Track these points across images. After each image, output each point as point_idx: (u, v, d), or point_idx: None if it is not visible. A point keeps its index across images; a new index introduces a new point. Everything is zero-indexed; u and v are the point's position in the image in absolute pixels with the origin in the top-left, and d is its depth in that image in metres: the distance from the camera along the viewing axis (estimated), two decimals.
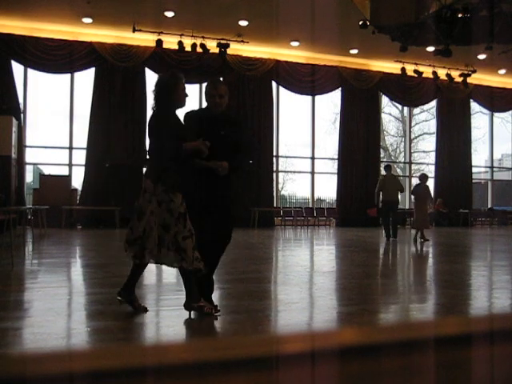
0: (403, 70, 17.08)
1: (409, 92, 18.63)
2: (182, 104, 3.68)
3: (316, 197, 18.82)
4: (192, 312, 3.54)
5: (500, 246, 11.09)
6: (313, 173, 18.25)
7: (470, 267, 7.08)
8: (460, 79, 17.63)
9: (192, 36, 14.59)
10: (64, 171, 15.49)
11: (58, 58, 14.64)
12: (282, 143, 17.60)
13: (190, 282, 3.54)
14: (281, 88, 17.32)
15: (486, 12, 10.46)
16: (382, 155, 19.91)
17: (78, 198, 14.96)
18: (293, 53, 16.55)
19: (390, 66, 17.46)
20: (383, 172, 12.98)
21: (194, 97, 16.08)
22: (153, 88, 3.67)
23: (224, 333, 3.24)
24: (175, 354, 0.62)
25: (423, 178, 11.14)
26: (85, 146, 15.12)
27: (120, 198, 14.60)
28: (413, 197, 11.47)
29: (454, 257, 8.53)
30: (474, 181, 20.36)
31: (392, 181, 11.49)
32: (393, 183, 11.41)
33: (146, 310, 3.65)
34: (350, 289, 4.98)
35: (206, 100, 3.79)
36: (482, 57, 16.02)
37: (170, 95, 3.59)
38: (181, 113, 3.80)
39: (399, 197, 11.86)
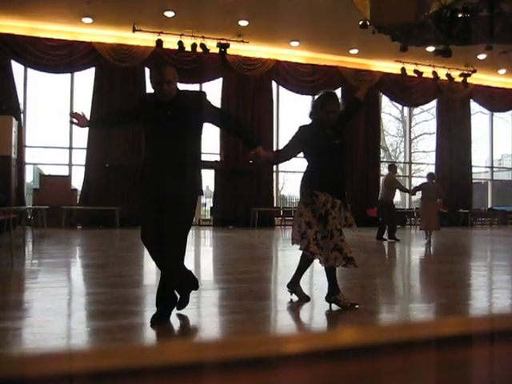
0: (403, 70, 17.08)
1: (409, 92, 18.63)
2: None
3: None
4: (332, 305, 3.90)
5: (500, 246, 11.08)
6: None
7: (470, 267, 7.08)
8: (460, 79, 17.63)
9: (192, 36, 14.60)
10: (64, 171, 15.50)
11: (57, 57, 14.64)
12: (282, 143, 17.61)
13: (332, 277, 3.95)
14: (281, 88, 17.32)
15: (486, 12, 10.45)
16: (382, 155, 19.91)
17: (77, 198, 14.96)
18: (293, 53, 16.55)
19: (390, 66, 17.46)
20: (385, 171, 12.82)
21: None
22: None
23: (224, 333, 3.24)
24: (175, 354, 0.62)
25: (432, 176, 10.85)
26: (85, 146, 15.12)
27: (120, 198, 14.61)
28: (420, 195, 11.18)
29: (454, 257, 8.53)
30: (474, 181, 20.35)
31: (389, 180, 11.35)
32: (390, 182, 11.28)
33: (308, 299, 4.12)
34: (350, 289, 4.98)
35: (152, 87, 3.40)
36: (482, 57, 16.02)
37: None
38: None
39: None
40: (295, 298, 4.14)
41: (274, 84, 17.08)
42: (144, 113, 3.47)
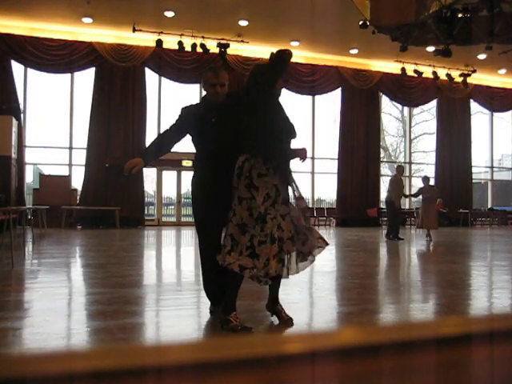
0: (403, 70, 17.09)
1: (409, 92, 18.65)
2: None
3: (316, 197, 18.82)
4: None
5: (500, 246, 11.08)
6: (313, 173, 18.25)
7: (470, 267, 7.08)
8: (460, 79, 17.64)
9: (192, 36, 14.60)
10: (64, 171, 15.50)
11: (57, 57, 14.65)
12: None
13: (235, 291, 3.30)
14: None
15: (486, 12, 10.46)
16: (382, 155, 19.91)
17: (77, 197, 14.97)
18: (293, 53, 16.53)
19: (390, 66, 17.46)
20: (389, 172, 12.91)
21: (194, 97, 16.06)
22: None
23: (224, 333, 3.24)
24: (175, 354, 0.62)
25: (428, 179, 11.46)
26: (85, 146, 15.13)
27: (120, 198, 14.62)
28: (421, 197, 11.56)
29: (454, 257, 8.53)
30: (473, 181, 20.36)
31: (396, 182, 11.48)
32: (396, 184, 11.43)
33: (291, 321, 3.39)
34: (350, 289, 4.98)
35: (205, 89, 3.53)
36: (482, 57, 16.02)
37: None
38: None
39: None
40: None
41: None
42: (199, 121, 3.51)
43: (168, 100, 16.49)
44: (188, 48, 14.63)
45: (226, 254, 3.15)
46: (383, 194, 19.11)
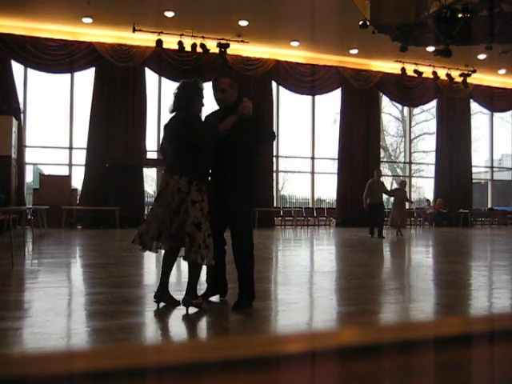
0: (403, 70, 17.08)
1: (409, 92, 18.64)
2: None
3: (316, 197, 18.82)
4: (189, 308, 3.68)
5: (500, 246, 11.08)
6: (313, 173, 18.25)
7: (470, 267, 7.08)
8: (460, 79, 17.63)
9: (192, 36, 14.60)
10: (64, 171, 15.49)
11: (57, 57, 14.65)
12: (281, 143, 17.61)
13: (197, 278, 3.76)
14: (281, 88, 17.32)
15: (486, 12, 10.46)
16: (382, 155, 19.90)
17: (77, 198, 14.96)
18: (293, 53, 16.55)
19: (390, 66, 17.46)
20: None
21: None
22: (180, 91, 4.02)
23: (224, 333, 3.24)
24: (175, 354, 0.62)
25: (404, 184, 12.65)
26: (85, 146, 15.13)
27: (120, 198, 14.61)
28: (392, 199, 12.74)
29: (454, 257, 8.53)
30: (473, 181, 20.35)
31: (378, 184, 12.04)
32: (379, 187, 11.98)
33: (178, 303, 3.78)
34: (350, 289, 4.98)
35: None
36: (482, 57, 16.02)
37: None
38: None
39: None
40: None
41: (274, 84, 17.07)
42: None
43: (168, 100, 16.48)
44: (188, 48, 14.62)
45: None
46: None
